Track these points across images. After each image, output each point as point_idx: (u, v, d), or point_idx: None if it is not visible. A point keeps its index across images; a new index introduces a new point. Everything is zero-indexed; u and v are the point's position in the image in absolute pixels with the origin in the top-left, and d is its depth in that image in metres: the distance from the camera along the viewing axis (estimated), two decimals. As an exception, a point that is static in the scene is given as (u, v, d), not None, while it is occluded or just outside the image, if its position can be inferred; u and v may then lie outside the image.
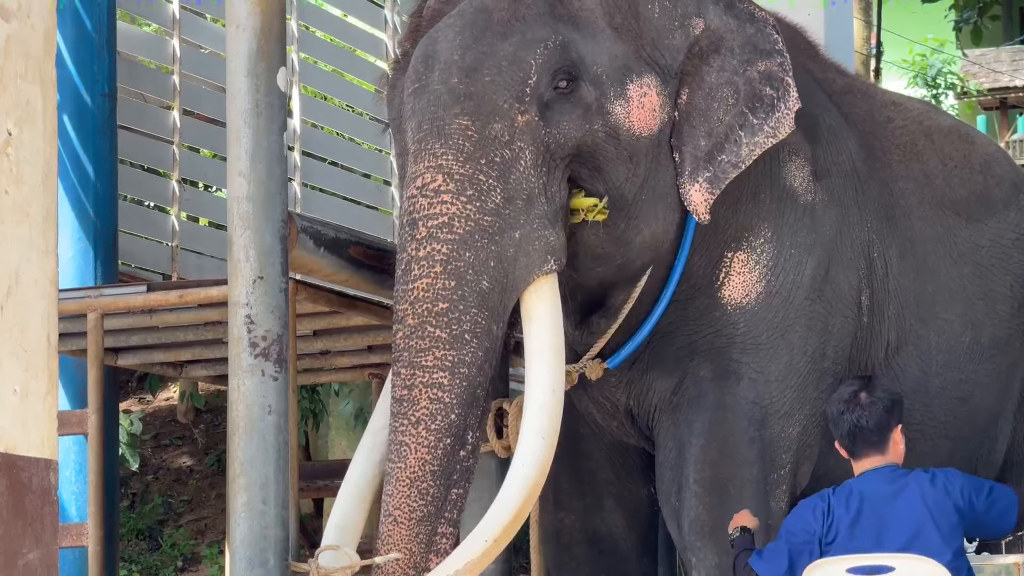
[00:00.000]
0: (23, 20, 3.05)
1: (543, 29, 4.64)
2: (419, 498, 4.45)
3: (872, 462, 4.71)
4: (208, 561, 9.73)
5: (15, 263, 3.00)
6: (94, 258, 6.44)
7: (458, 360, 4.46)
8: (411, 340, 4.48)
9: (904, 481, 4.66)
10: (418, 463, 4.44)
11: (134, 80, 7.14)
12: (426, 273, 4.47)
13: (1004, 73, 20.11)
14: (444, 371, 4.45)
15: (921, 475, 4.68)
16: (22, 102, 3.04)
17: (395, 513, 4.46)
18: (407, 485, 4.44)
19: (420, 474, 4.44)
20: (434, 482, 4.45)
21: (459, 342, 4.46)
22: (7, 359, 2.97)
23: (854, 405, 4.72)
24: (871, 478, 4.68)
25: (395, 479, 4.46)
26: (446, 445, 4.45)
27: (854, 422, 4.71)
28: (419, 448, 4.44)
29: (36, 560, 2.97)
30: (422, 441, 4.44)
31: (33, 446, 3.00)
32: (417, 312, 4.47)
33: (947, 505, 4.61)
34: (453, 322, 4.46)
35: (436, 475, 4.45)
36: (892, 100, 5.81)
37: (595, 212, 4.65)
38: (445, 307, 4.46)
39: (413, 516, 4.44)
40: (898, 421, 4.75)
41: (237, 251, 4.62)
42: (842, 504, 4.66)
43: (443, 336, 4.45)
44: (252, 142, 4.63)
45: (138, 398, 11.07)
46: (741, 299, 4.99)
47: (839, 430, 4.74)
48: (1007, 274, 5.66)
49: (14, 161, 3.02)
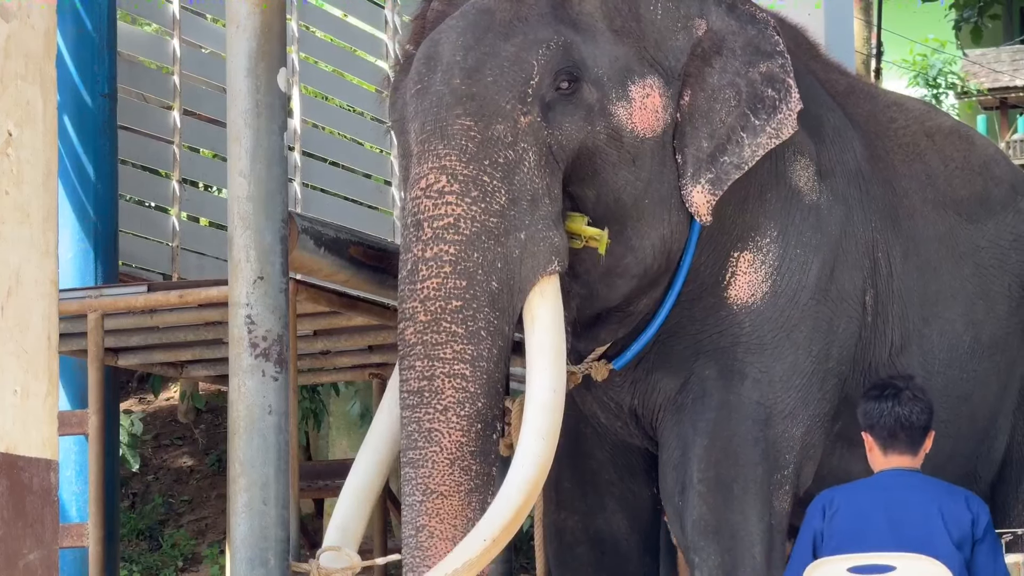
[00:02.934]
0: (23, 20, 3.05)
1: (545, 30, 4.64)
2: (463, 474, 4.40)
3: (901, 461, 4.73)
4: (208, 561, 9.73)
5: (15, 263, 3.00)
6: (94, 258, 6.43)
7: (477, 355, 4.43)
8: (426, 335, 4.44)
9: (924, 487, 4.68)
10: (455, 445, 4.40)
11: (134, 80, 7.13)
12: (435, 273, 4.45)
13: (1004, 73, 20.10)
14: (464, 364, 4.42)
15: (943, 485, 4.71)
16: (22, 102, 3.04)
17: (440, 489, 4.39)
18: (448, 465, 4.39)
19: (460, 455, 4.40)
20: (474, 460, 4.41)
21: (476, 338, 4.43)
22: (7, 359, 2.97)
23: (905, 400, 4.74)
24: (893, 478, 4.70)
25: (431, 462, 4.40)
26: (478, 430, 4.42)
27: (904, 415, 4.72)
28: (453, 432, 4.40)
29: (37, 560, 2.97)
30: (454, 426, 4.40)
31: (34, 446, 3.00)
32: (430, 309, 4.44)
33: (964, 519, 4.62)
34: (468, 319, 4.43)
35: (476, 455, 4.41)
36: (894, 101, 5.83)
37: (601, 244, 4.64)
38: (459, 304, 4.43)
39: (461, 489, 4.40)
40: (932, 427, 4.79)
41: (237, 251, 4.61)
42: (853, 501, 4.68)
43: (460, 332, 4.43)
44: (252, 142, 4.63)
45: (138, 398, 11.08)
46: (747, 299, 4.99)
47: (879, 420, 4.73)
48: (1005, 274, 5.69)
49: (14, 161, 3.01)
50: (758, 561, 4.91)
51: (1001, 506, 5.84)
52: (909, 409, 4.74)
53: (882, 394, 4.79)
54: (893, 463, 4.74)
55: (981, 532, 4.64)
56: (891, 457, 4.74)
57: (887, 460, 4.75)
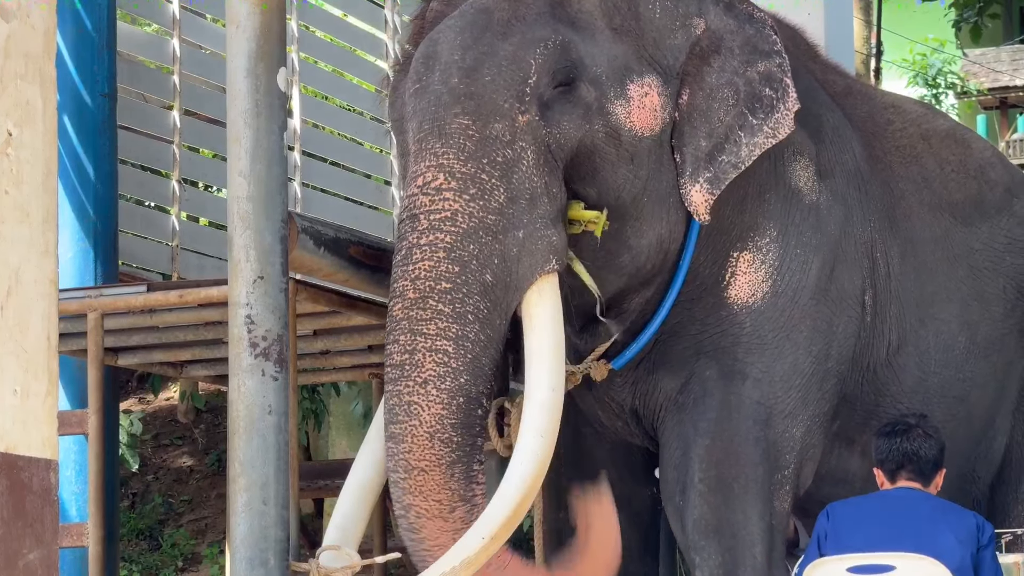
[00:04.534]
0: (23, 20, 3.05)
1: (543, 29, 4.65)
2: (443, 446, 4.35)
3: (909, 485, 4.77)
4: (208, 561, 9.73)
5: (15, 263, 3.00)
6: (94, 258, 6.43)
7: (461, 334, 4.40)
8: (411, 311, 4.41)
9: (931, 500, 4.72)
10: (435, 418, 4.35)
11: (134, 80, 7.14)
12: (429, 257, 4.43)
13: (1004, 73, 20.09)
14: (448, 341, 4.39)
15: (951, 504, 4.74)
16: (22, 102, 3.04)
17: (420, 464, 4.35)
18: (427, 439, 4.34)
19: (439, 427, 4.35)
20: (455, 432, 4.36)
21: (462, 319, 4.40)
22: (7, 359, 2.97)
23: (914, 436, 4.77)
24: (900, 490, 4.73)
25: (409, 436, 4.35)
26: (459, 403, 4.37)
27: (912, 450, 4.75)
28: (432, 405, 4.35)
29: (36, 560, 2.97)
30: (434, 399, 4.36)
31: (33, 446, 3.00)
32: (419, 288, 4.42)
33: (970, 524, 4.64)
34: (456, 301, 4.41)
35: (457, 427, 4.37)
36: (892, 102, 5.84)
37: (598, 226, 4.64)
38: (449, 287, 4.41)
39: (442, 463, 4.35)
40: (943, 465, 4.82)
41: (237, 251, 4.61)
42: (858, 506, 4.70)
43: (446, 311, 4.40)
44: (252, 142, 4.63)
45: (138, 398, 11.08)
46: (747, 299, 4.99)
47: (888, 456, 4.77)
48: (999, 276, 5.71)
49: (14, 161, 3.01)
50: (759, 561, 4.91)
51: (1000, 506, 5.85)
52: (918, 445, 4.77)
53: (893, 430, 4.82)
54: (901, 486, 4.77)
55: (986, 539, 4.66)
56: (899, 483, 4.77)
57: (894, 485, 4.78)
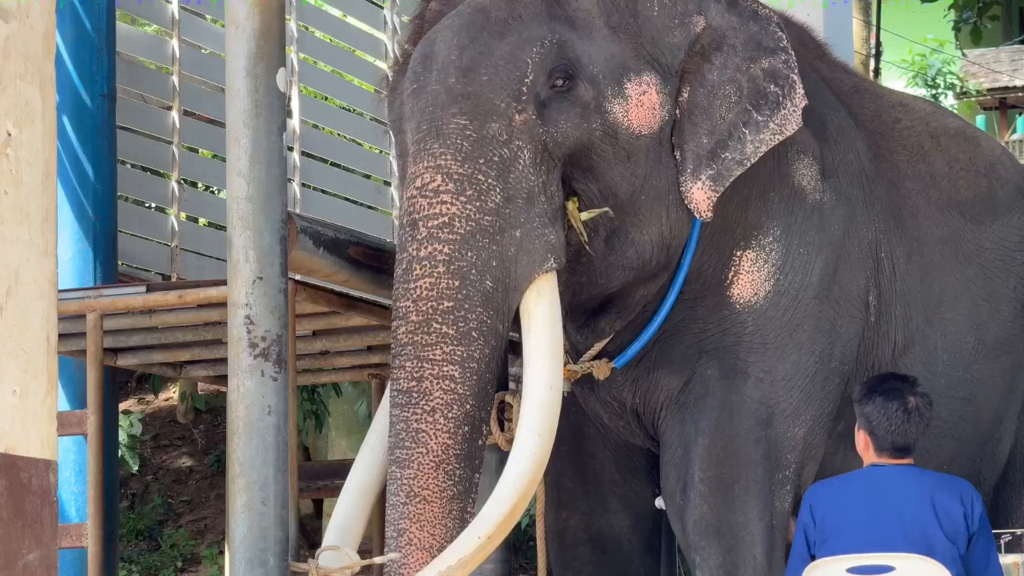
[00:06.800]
0: (23, 20, 3.05)
1: (540, 28, 4.64)
2: (447, 479, 4.40)
3: (894, 461, 4.72)
4: (208, 561, 9.73)
5: (15, 263, 3.00)
6: (94, 258, 6.43)
7: (467, 356, 4.43)
8: (416, 335, 4.44)
9: (917, 480, 4.67)
10: (441, 448, 4.40)
11: (134, 80, 7.14)
12: (428, 273, 4.45)
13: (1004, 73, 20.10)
14: (454, 365, 4.43)
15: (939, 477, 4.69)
16: (22, 102, 3.04)
17: (423, 493, 4.39)
18: (432, 468, 4.39)
19: (444, 457, 4.40)
20: (459, 464, 4.41)
21: (467, 339, 4.44)
22: (7, 359, 2.97)
23: (914, 417, 4.71)
24: (884, 471, 4.69)
25: (416, 463, 4.39)
26: (465, 433, 4.42)
27: (912, 433, 4.70)
28: (439, 434, 4.40)
29: (36, 561, 2.97)
30: (441, 428, 4.40)
31: (33, 447, 3.00)
32: (421, 309, 4.45)
33: (956, 514, 4.61)
34: (460, 320, 4.44)
35: (460, 458, 4.41)
36: (899, 101, 5.81)
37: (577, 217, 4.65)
38: (451, 305, 4.44)
39: (444, 495, 4.39)
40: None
41: (237, 251, 4.61)
42: (843, 498, 4.68)
43: (450, 332, 4.43)
44: (252, 142, 4.63)
45: (138, 398, 11.08)
46: (750, 298, 4.99)
47: (881, 430, 4.72)
48: (1010, 276, 5.68)
49: (13, 161, 3.01)
50: (759, 561, 4.91)
51: (1005, 508, 5.83)
52: (916, 428, 4.72)
53: (887, 399, 4.74)
54: (885, 461, 4.73)
55: (976, 526, 4.63)
56: (884, 458, 4.74)
57: (879, 459, 4.74)
